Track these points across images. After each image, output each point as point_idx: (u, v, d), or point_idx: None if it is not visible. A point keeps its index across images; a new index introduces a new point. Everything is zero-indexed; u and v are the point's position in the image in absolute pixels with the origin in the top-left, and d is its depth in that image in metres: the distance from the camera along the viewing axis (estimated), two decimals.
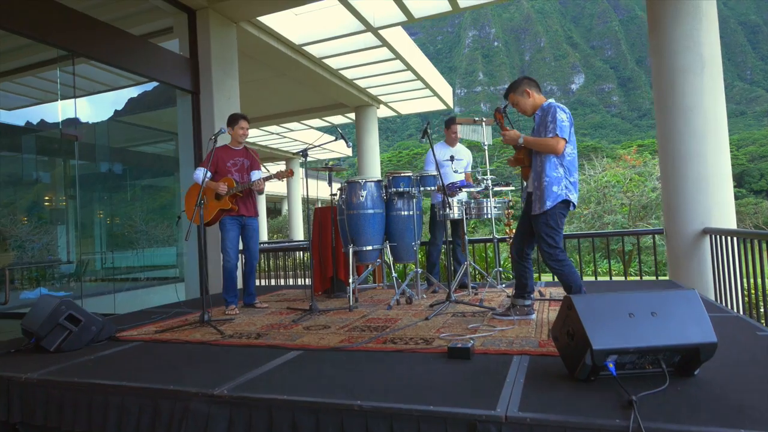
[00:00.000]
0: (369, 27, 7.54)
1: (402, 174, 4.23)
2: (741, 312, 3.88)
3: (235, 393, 2.08)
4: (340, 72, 9.52)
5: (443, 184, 3.88)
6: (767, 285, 3.45)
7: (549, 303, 3.79)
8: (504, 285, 4.47)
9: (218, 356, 2.80)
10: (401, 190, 4.20)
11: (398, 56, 8.92)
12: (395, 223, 4.28)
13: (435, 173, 4.20)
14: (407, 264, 4.94)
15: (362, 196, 4.13)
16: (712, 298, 4.48)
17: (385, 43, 8.27)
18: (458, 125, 4.53)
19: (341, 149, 19.09)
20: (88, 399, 2.35)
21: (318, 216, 5.00)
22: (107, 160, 8.31)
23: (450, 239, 4.88)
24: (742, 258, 3.83)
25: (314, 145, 4.12)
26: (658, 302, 1.96)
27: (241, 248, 4.42)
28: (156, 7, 6.33)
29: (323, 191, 4.18)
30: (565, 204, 2.94)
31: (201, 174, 4.13)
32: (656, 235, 6.09)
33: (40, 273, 7.57)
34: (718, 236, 4.36)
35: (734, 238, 3.98)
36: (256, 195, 4.35)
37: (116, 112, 8.35)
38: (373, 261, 4.36)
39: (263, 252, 8.20)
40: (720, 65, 4.72)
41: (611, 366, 1.88)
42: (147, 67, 5.82)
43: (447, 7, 7.03)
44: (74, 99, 6.17)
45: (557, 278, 3.02)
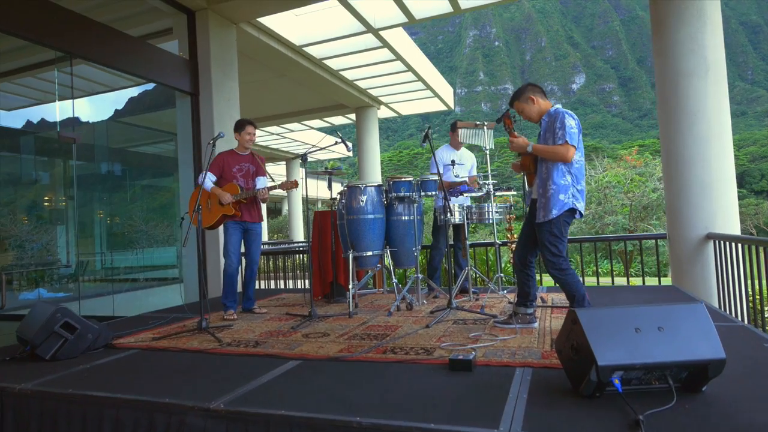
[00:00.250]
0: (369, 28, 7.49)
1: (402, 179, 4.18)
2: (745, 319, 3.83)
3: (232, 407, 2.04)
4: (341, 73, 9.48)
5: (443, 186, 3.83)
6: None
7: (551, 310, 3.74)
8: (505, 291, 4.42)
9: (215, 366, 2.75)
10: (402, 195, 4.15)
11: (399, 57, 8.87)
12: (396, 228, 4.23)
13: (436, 178, 4.15)
14: (408, 269, 4.88)
15: (362, 201, 4.08)
16: (716, 304, 4.44)
17: (386, 44, 8.22)
18: (459, 129, 4.46)
19: (342, 150, 19.05)
20: (83, 411, 2.31)
21: (318, 220, 4.96)
22: (106, 161, 8.27)
23: (452, 243, 4.84)
24: (747, 264, 3.79)
25: (314, 149, 4.07)
26: (665, 316, 1.91)
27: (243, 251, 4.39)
28: (155, 8, 6.28)
29: (323, 191, 4.14)
30: (571, 212, 2.89)
31: (207, 180, 4.15)
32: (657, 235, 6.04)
33: (39, 274, 7.52)
34: (722, 242, 4.31)
35: (738, 245, 3.93)
36: (260, 201, 4.33)
37: (116, 112, 8.29)
38: (373, 266, 4.31)
39: (263, 254, 8.15)
40: (724, 69, 4.66)
41: (617, 382, 1.84)
42: (145, 69, 5.78)
43: (448, 8, 6.98)
44: (72, 100, 6.12)
45: (560, 287, 2.97)
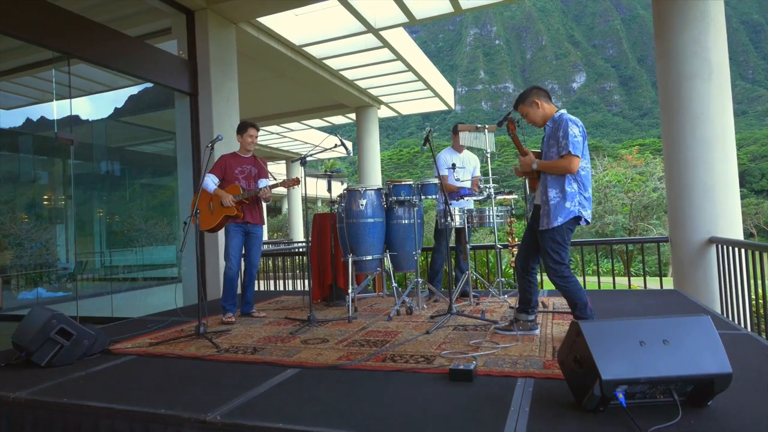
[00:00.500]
0: (370, 28, 7.44)
1: (403, 182, 4.14)
2: (748, 325, 3.80)
3: (229, 419, 2.00)
4: (341, 73, 9.43)
5: (444, 191, 3.80)
6: None
7: (552, 316, 3.70)
8: (506, 295, 4.39)
9: (213, 374, 2.72)
10: (402, 199, 4.11)
11: (399, 57, 8.83)
12: (396, 232, 4.19)
13: (436, 181, 4.12)
14: (408, 272, 4.84)
15: (362, 205, 4.04)
16: (718, 309, 4.40)
17: (386, 44, 8.17)
18: (459, 132, 4.42)
19: (342, 149, 19.00)
20: (78, 421, 2.28)
21: (317, 222, 4.92)
22: (105, 160, 8.22)
23: (453, 245, 4.80)
24: (750, 269, 3.75)
25: (314, 151, 4.03)
26: (670, 329, 1.88)
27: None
28: (154, 8, 6.23)
29: (323, 190, 4.09)
30: (575, 219, 2.85)
31: (210, 182, 4.14)
32: (660, 237, 5.99)
33: (37, 274, 7.49)
34: (724, 246, 4.28)
35: (741, 250, 3.89)
36: (262, 204, 4.30)
37: (115, 111, 8.25)
38: (373, 270, 4.27)
39: (262, 255, 8.11)
40: (728, 71, 4.62)
41: (621, 396, 1.80)
42: (144, 69, 5.73)
43: (449, 9, 6.93)
44: (70, 99, 6.07)
45: (562, 294, 2.94)
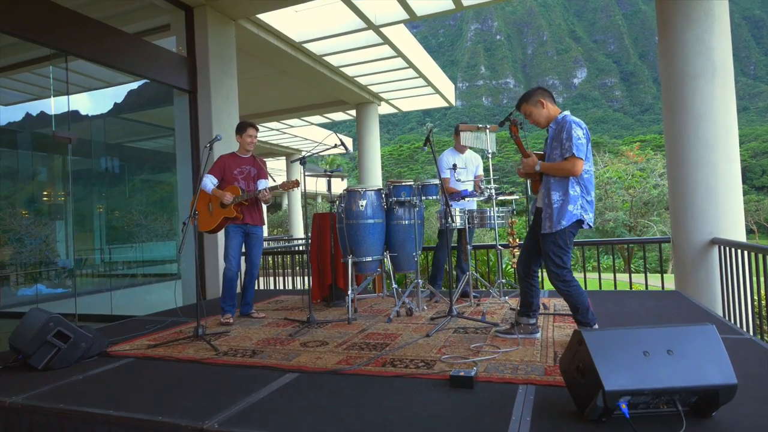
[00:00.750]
0: (370, 25, 7.38)
1: (403, 183, 4.11)
2: (750, 328, 3.78)
3: (226, 428, 1.98)
4: (341, 69, 9.36)
5: (445, 192, 3.76)
6: None
7: (553, 318, 3.68)
8: (507, 297, 4.36)
9: (211, 378, 2.69)
10: (402, 200, 4.08)
11: (400, 54, 8.76)
12: (396, 233, 4.16)
13: (437, 182, 4.08)
14: (408, 273, 4.82)
15: (362, 206, 4.01)
16: (720, 310, 4.37)
17: (387, 41, 8.11)
18: (461, 132, 4.38)
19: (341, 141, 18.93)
20: (74, 427, 2.26)
21: (317, 222, 4.88)
22: (104, 156, 8.18)
23: (455, 245, 4.77)
24: (752, 271, 3.72)
25: (313, 151, 4.00)
26: (674, 338, 1.85)
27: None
28: (152, 4, 6.18)
29: (323, 186, 4.05)
30: (578, 223, 2.82)
31: (208, 183, 4.10)
32: (660, 234, 5.95)
33: (36, 270, 7.47)
34: (727, 248, 4.25)
35: (744, 252, 3.86)
36: (262, 204, 4.26)
37: (115, 107, 8.20)
38: (373, 272, 4.25)
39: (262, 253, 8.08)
40: (731, 71, 4.57)
41: (624, 407, 1.78)
42: (142, 67, 5.69)
43: (450, 6, 6.87)
44: (68, 96, 6.03)
45: (564, 299, 2.91)
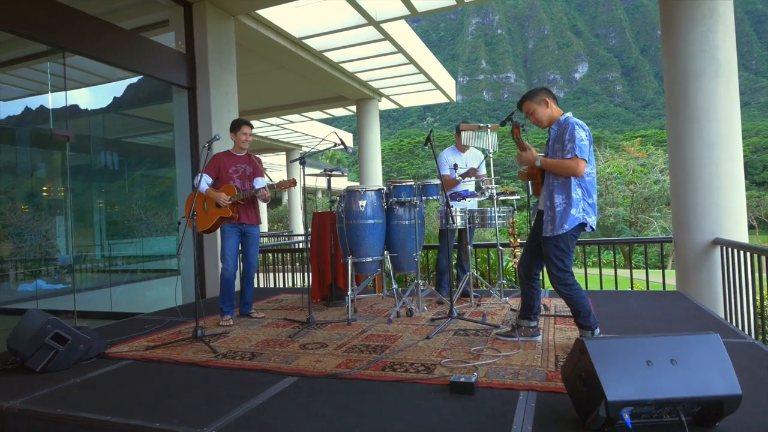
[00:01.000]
0: (371, 20, 7.32)
1: (403, 183, 4.08)
2: (752, 330, 3.76)
3: None
4: (341, 65, 9.30)
5: (445, 193, 3.73)
6: None
7: (554, 320, 3.66)
8: (507, 298, 4.34)
9: (209, 381, 2.68)
10: (402, 200, 4.05)
11: (400, 50, 8.70)
12: (396, 233, 4.13)
13: (437, 182, 4.05)
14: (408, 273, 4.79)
15: (362, 206, 3.98)
16: (721, 311, 4.35)
17: (387, 37, 8.05)
18: (461, 132, 4.34)
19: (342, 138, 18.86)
20: None
21: (317, 221, 4.86)
22: (104, 151, 8.15)
23: (456, 243, 4.74)
24: (756, 272, 3.69)
25: (313, 151, 3.96)
26: (678, 347, 1.83)
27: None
28: (151, 0, 6.12)
29: (322, 181, 4.01)
30: (580, 226, 2.78)
31: (203, 182, 4.02)
32: (661, 230, 5.92)
33: (36, 265, 7.45)
34: (729, 248, 4.22)
35: (747, 253, 3.84)
36: (258, 203, 4.22)
37: (114, 102, 8.16)
38: (373, 272, 4.23)
39: (261, 251, 8.06)
40: (735, 70, 4.52)
41: (627, 417, 1.76)
42: (140, 63, 5.63)
43: (451, 1, 6.81)
44: (65, 92, 5.99)
45: (565, 302, 2.88)
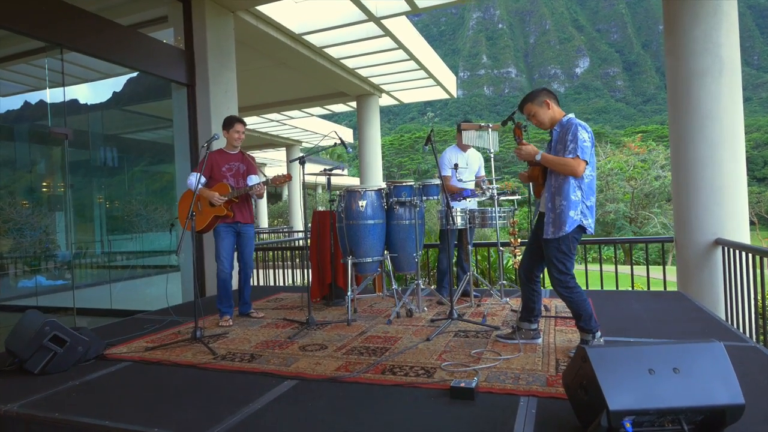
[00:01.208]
0: (371, 17, 7.26)
1: (404, 183, 4.05)
2: (753, 332, 3.74)
3: None
4: (341, 61, 9.25)
5: (446, 193, 3.71)
6: None
7: (555, 321, 3.64)
8: (508, 298, 4.32)
9: (208, 385, 2.66)
10: (403, 200, 4.02)
11: (401, 46, 8.64)
12: (396, 233, 4.11)
13: (438, 182, 4.02)
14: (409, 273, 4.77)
15: (362, 206, 3.95)
16: (722, 312, 4.34)
17: (388, 33, 7.99)
18: (463, 131, 4.30)
19: (342, 136, 18.82)
20: None
21: (316, 220, 4.84)
22: (103, 147, 8.11)
23: (456, 243, 4.73)
24: (758, 274, 3.67)
25: (313, 151, 3.93)
26: (681, 356, 1.81)
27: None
28: None
29: (323, 177, 3.99)
30: (581, 229, 2.76)
31: (194, 180, 3.95)
32: (661, 226, 5.89)
33: (36, 261, 7.43)
34: (731, 249, 4.20)
35: (749, 254, 3.81)
36: (252, 201, 4.18)
37: (113, 98, 8.11)
38: (373, 272, 4.21)
39: (262, 248, 8.06)
40: (739, 69, 4.48)
41: (629, 427, 1.74)
42: (139, 60, 5.60)
43: None
44: (63, 87, 5.93)
45: (566, 305, 2.86)
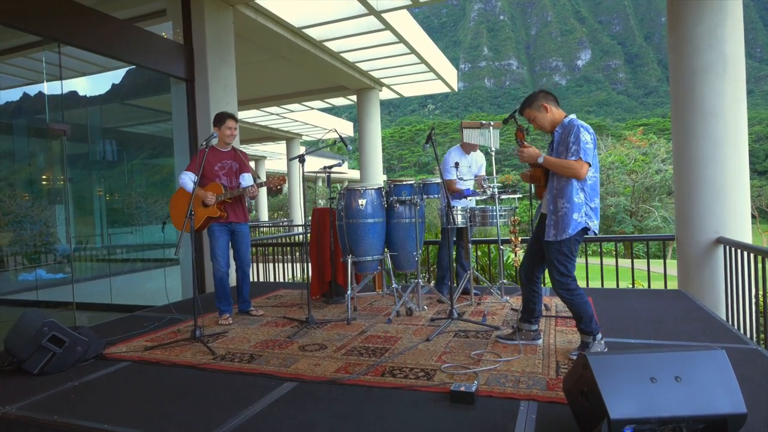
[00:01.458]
0: (371, 10, 7.20)
1: (404, 182, 4.02)
2: (754, 333, 3.73)
3: None
4: (342, 55, 9.19)
5: (446, 191, 3.69)
6: None
7: (555, 321, 3.63)
8: (508, 297, 4.31)
9: (207, 386, 2.65)
10: (403, 199, 4.00)
11: (401, 40, 8.57)
12: (396, 232, 4.09)
13: (438, 180, 4.00)
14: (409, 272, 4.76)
15: (362, 205, 3.93)
16: (723, 311, 4.33)
17: (388, 27, 7.92)
18: (463, 129, 4.27)
19: (343, 129, 18.76)
20: None
21: (316, 217, 4.82)
22: (102, 140, 8.08)
23: (455, 239, 4.71)
24: (759, 274, 3.66)
25: (312, 150, 3.90)
26: (683, 364, 1.80)
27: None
28: None
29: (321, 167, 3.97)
30: (583, 231, 2.74)
31: (188, 180, 3.91)
32: (661, 219, 5.87)
33: (36, 254, 7.42)
34: (732, 248, 4.18)
35: (750, 254, 3.80)
36: (245, 200, 4.13)
37: (112, 92, 8.06)
38: (373, 271, 4.19)
39: (262, 244, 8.04)
40: (743, 66, 4.44)
41: None
42: (137, 55, 5.54)
43: None
44: (61, 81, 5.89)
45: (567, 307, 2.85)
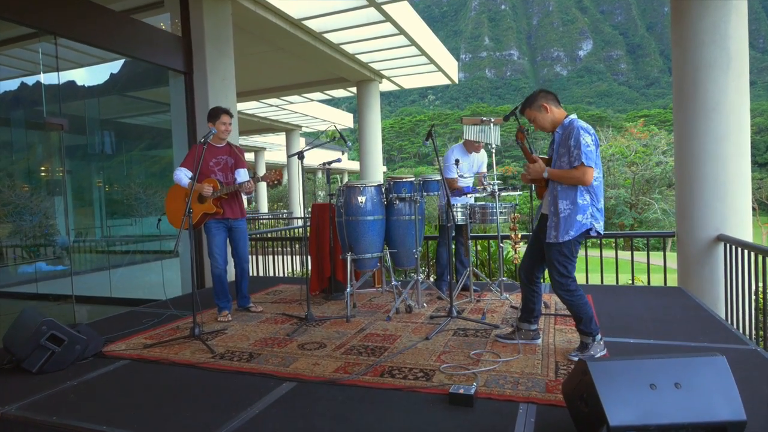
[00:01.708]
0: (371, 2, 7.13)
1: (404, 179, 4.00)
2: (753, 331, 3.73)
3: None
4: (341, 47, 9.12)
5: (445, 187, 3.66)
6: None
7: (555, 320, 3.62)
8: (507, 294, 4.31)
9: (206, 386, 2.65)
10: (403, 196, 3.98)
11: (402, 32, 8.50)
12: (396, 229, 4.07)
13: (438, 177, 3.98)
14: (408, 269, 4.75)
15: (361, 202, 3.91)
16: (722, 309, 4.33)
17: (389, 19, 7.85)
18: (463, 126, 4.23)
19: (343, 121, 18.67)
20: None
21: (316, 213, 4.80)
22: (100, 132, 8.04)
23: (454, 235, 4.70)
24: (759, 272, 3.65)
25: (312, 147, 3.88)
26: (683, 370, 1.79)
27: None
28: None
29: (323, 159, 3.94)
30: (586, 232, 2.72)
31: (183, 176, 3.86)
32: (661, 212, 5.85)
33: (35, 247, 7.41)
34: (733, 246, 4.17)
35: (751, 253, 3.78)
36: (242, 195, 4.10)
37: (111, 78, 8.00)
38: (372, 268, 4.18)
39: (261, 239, 8.03)
40: (747, 62, 4.40)
41: None
42: (134, 47, 5.48)
43: None
44: (57, 72, 5.84)
45: (566, 308, 2.84)
